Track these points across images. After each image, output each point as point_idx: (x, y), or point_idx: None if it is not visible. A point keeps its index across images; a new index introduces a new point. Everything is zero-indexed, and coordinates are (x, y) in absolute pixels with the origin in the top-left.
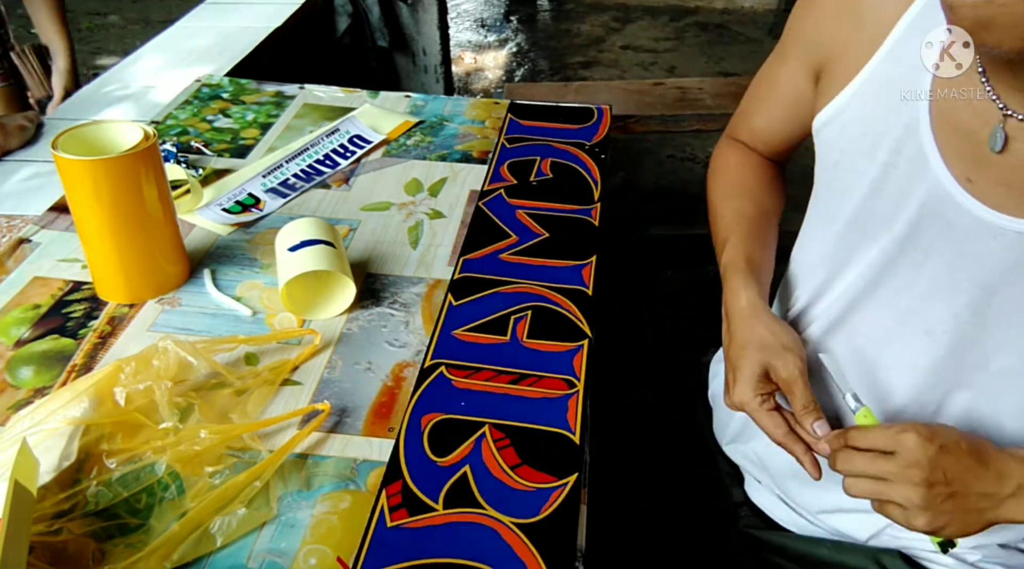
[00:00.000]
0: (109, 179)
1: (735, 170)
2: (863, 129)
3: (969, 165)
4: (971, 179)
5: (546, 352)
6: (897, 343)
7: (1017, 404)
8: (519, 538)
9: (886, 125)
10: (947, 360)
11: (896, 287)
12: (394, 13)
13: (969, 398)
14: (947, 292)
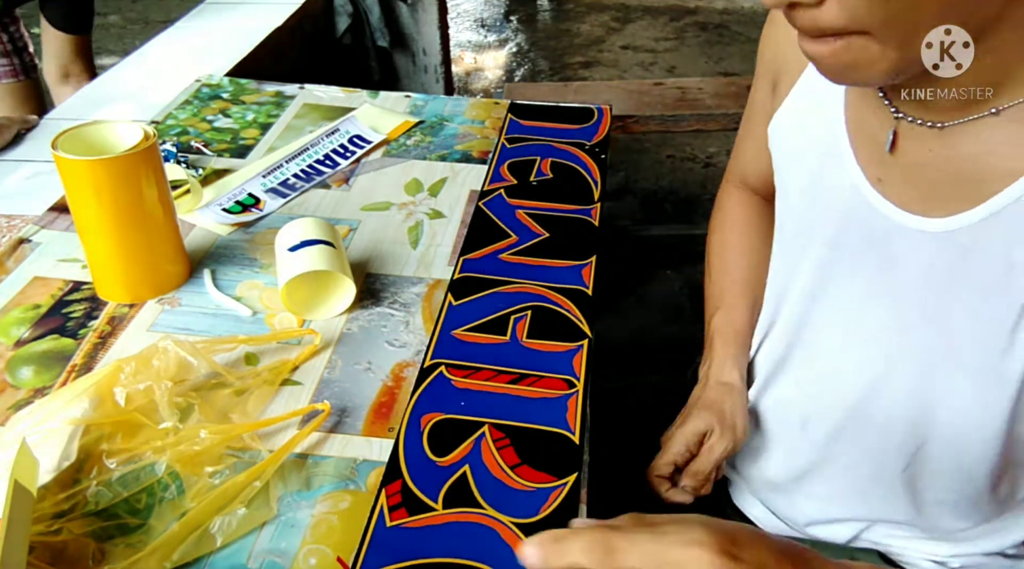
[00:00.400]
0: (109, 179)
1: (733, 223)
2: (798, 136)
3: (877, 166)
4: (881, 179)
5: (546, 352)
6: (851, 351)
7: (969, 406)
8: (519, 538)
9: (814, 130)
10: (899, 364)
11: (837, 295)
12: (394, 13)
13: (924, 401)
14: (884, 297)
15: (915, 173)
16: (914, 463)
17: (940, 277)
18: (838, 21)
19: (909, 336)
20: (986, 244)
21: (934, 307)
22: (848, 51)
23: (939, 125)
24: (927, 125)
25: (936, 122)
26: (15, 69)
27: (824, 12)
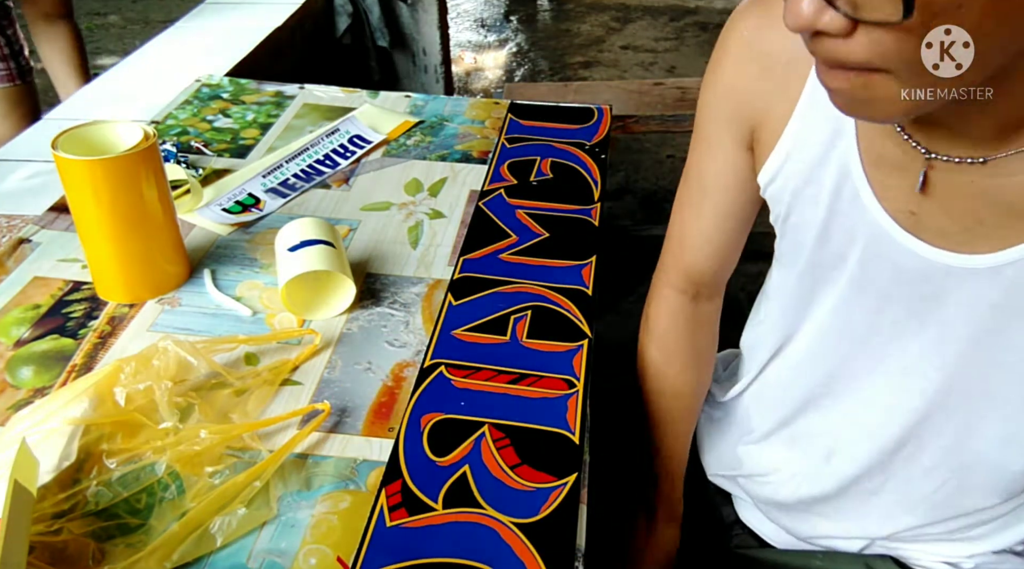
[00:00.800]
0: (109, 179)
1: (675, 340)
2: (804, 179)
3: (907, 200)
4: (914, 213)
5: (546, 352)
6: (887, 388)
7: (1012, 437)
8: (519, 538)
9: (823, 170)
10: (940, 400)
11: (868, 332)
12: (394, 13)
13: (964, 436)
14: (923, 334)
15: (955, 207)
16: (944, 488)
17: (985, 313)
18: (863, 56)
19: (951, 373)
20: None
21: (979, 343)
22: (867, 88)
23: (980, 160)
24: (966, 162)
25: (975, 158)
26: (11, 73)
27: (851, 45)
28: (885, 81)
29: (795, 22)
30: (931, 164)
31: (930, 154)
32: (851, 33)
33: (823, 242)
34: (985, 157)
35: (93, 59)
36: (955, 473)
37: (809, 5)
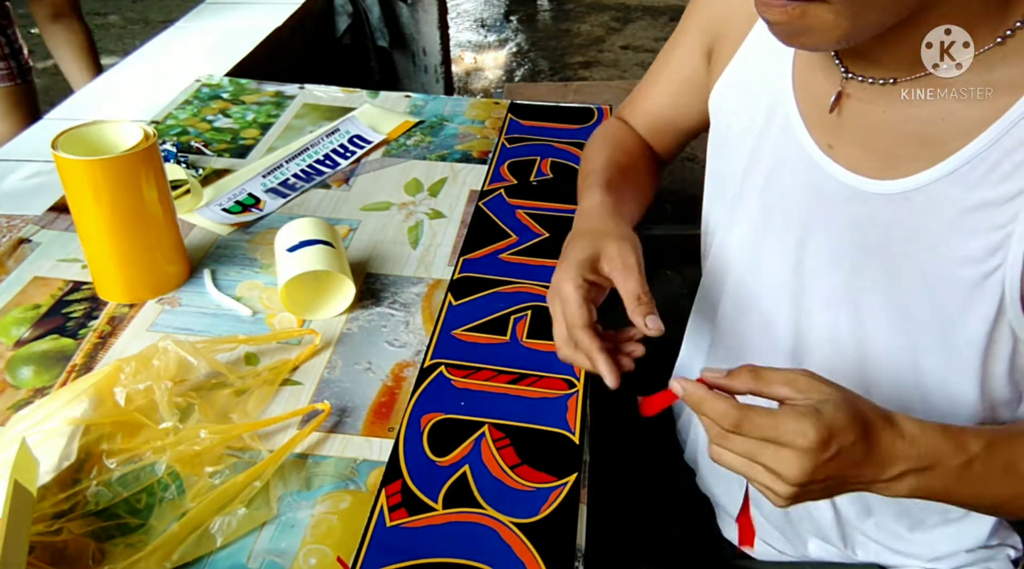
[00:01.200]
0: (109, 179)
1: (618, 136)
2: (743, 101)
3: (828, 131)
4: (831, 145)
5: (546, 352)
6: (813, 318)
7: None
8: (519, 538)
9: (760, 96)
10: (849, 332)
11: (784, 261)
12: (394, 13)
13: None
14: (843, 263)
15: (867, 136)
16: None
17: (896, 239)
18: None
19: (873, 300)
20: (942, 201)
21: (891, 270)
22: (804, 18)
23: (891, 80)
24: (878, 82)
25: (886, 78)
26: (12, 72)
27: None
28: (820, 10)
29: None
30: (847, 85)
31: (848, 74)
32: None
33: (753, 165)
34: (896, 78)
35: None
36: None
37: None
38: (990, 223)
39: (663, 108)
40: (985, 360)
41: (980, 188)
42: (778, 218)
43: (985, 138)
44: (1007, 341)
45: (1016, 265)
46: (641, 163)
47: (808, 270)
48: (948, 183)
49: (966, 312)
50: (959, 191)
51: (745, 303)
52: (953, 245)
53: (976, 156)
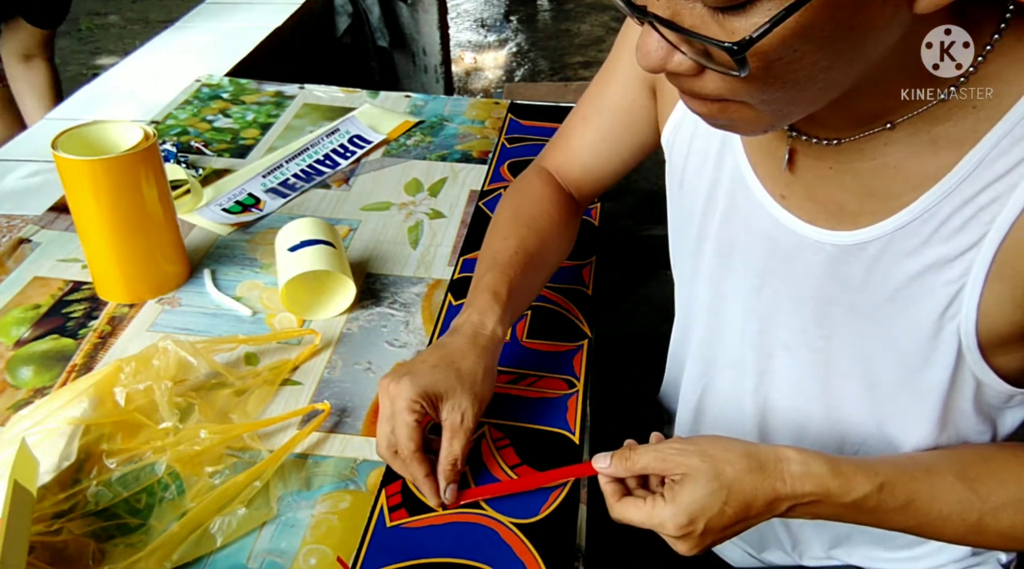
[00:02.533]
0: (109, 179)
1: (537, 199)
2: (694, 145)
3: (780, 183)
4: (784, 196)
5: (546, 352)
6: (777, 361)
7: (860, 408)
8: (518, 538)
9: (710, 140)
10: (812, 374)
11: (744, 306)
12: (394, 13)
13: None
14: (799, 313)
15: (818, 189)
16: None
17: (853, 289)
18: (715, 91)
19: (834, 348)
20: (896, 254)
21: (850, 319)
22: (726, 113)
23: (835, 142)
24: (823, 143)
25: (832, 139)
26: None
27: (704, 82)
28: (741, 107)
29: (646, 63)
30: (794, 142)
31: (795, 133)
32: (700, 73)
33: (709, 209)
34: (840, 138)
35: (93, 59)
36: (865, 443)
37: (658, 49)
38: (944, 277)
39: (601, 143)
40: (947, 403)
41: (932, 242)
42: (736, 261)
43: (935, 193)
44: (970, 384)
45: (970, 316)
46: (552, 240)
47: (767, 316)
48: (901, 236)
49: (926, 361)
50: (913, 244)
51: (715, 335)
52: (909, 297)
53: (927, 210)
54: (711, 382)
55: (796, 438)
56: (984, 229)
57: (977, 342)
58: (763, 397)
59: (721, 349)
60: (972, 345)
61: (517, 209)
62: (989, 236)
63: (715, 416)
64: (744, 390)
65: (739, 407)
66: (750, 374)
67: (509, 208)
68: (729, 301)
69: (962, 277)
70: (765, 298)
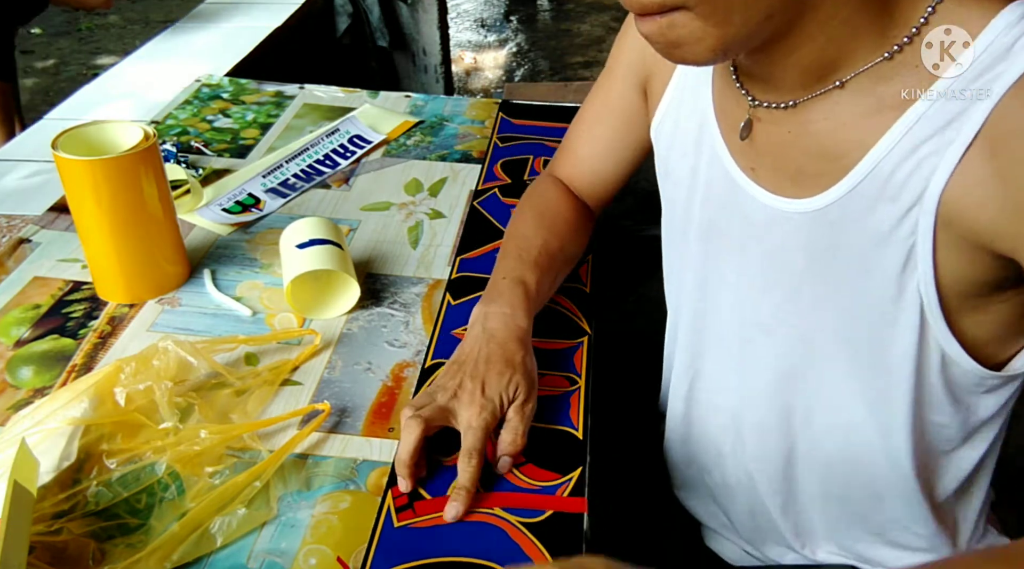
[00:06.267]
0: (109, 179)
1: (555, 203)
2: (678, 131)
3: (749, 156)
4: (754, 168)
5: (546, 350)
6: (755, 343)
7: (839, 391)
8: (526, 536)
9: (689, 124)
10: (790, 354)
11: (726, 288)
12: (394, 13)
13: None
14: (776, 287)
15: (780, 158)
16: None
17: (821, 257)
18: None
19: (805, 324)
20: (854, 217)
21: (822, 290)
22: (673, 28)
23: (791, 103)
24: (780, 107)
25: (786, 102)
26: None
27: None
28: (685, 19)
29: None
30: (755, 112)
31: (754, 101)
32: None
33: (692, 193)
34: (795, 100)
35: (93, 59)
36: (845, 433)
37: None
38: (898, 236)
39: (600, 150)
40: (918, 380)
41: (882, 201)
42: (719, 241)
43: (878, 150)
44: (936, 354)
45: (927, 272)
46: (569, 243)
47: (747, 296)
48: (854, 198)
49: (894, 325)
50: (866, 204)
51: (701, 321)
52: (871, 259)
53: (873, 168)
54: (700, 370)
55: (781, 424)
56: (924, 184)
57: (939, 300)
58: (747, 384)
59: (707, 335)
60: (933, 303)
61: (537, 211)
62: (929, 190)
63: (704, 405)
64: (729, 377)
65: (726, 395)
66: (734, 360)
67: (529, 210)
68: (712, 283)
69: (912, 234)
70: (745, 277)
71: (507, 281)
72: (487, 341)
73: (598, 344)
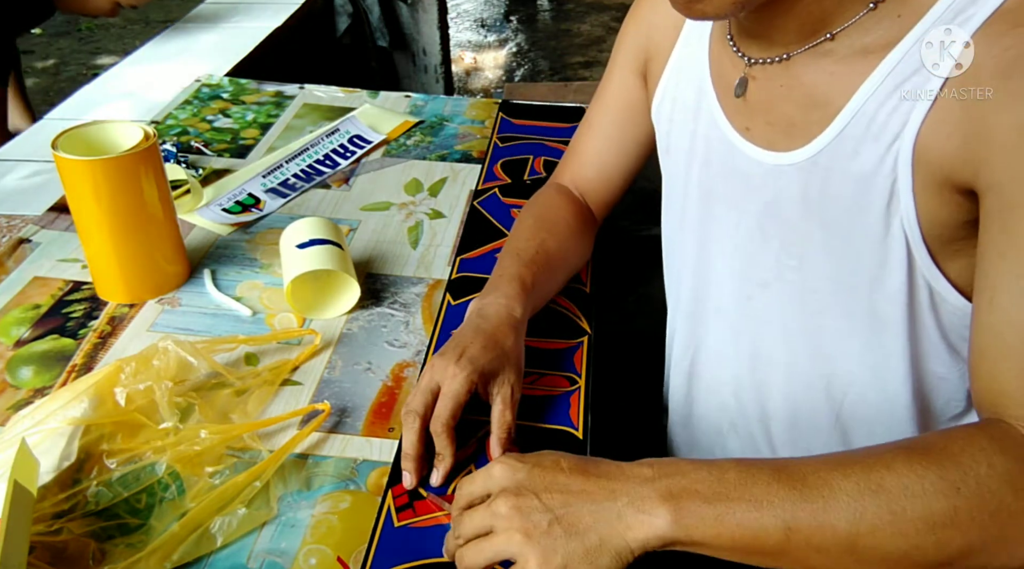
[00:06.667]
0: (109, 179)
1: (556, 208)
2: (677, 105)
3: (743, 115)
4: (748, 127)
5: (546, 350)
6: (755, 303)
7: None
8: None
9: (688, 94)
10: (788, 309)
11: (725, 248)
12: (394, 13)
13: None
14: (773, 240)
15: (772, 112)
16: (841, 418)
17: (814, 205)
18: None
19: (801, 276)
20: (842, 161)
21: (817, 237)
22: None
23: (784, 57)
24: (774, 61)
25: (780, 56)
26: None
27: None
28: None
29: None
30: (750, 71)
31: (750, 60)
32: None
33: (692, 160)
34: (788, 54)
35: (93, 59)
36: (846, 397)
37: None
38: (882, 174)
39: (608, 142)
40: (913, 325)
41: (866, 141)
42: (717, 205)
43: (862, 92)
44: (924, 291)
45: (909, 209)
46: (570, 246)
47: (746, 252)
48: (841, 142)
49: (884, 266)
50: (852, 146)
51: (703, 287)
52: (860, 200)
53: (858, 110)
54: (700, 342)
55: (785, 385)
56: (904, 119)
57: (922, 239)
58: (750, 345)
59: (707, 303)
60: (917, 240)
61: (537, 216)
62: (907, 126)
63: (706, 381)
64: (731, 341)
65: (729, 361)
66: (734, 325)
67: (530, 216)
68: (711, 246)
69: (893, 171)
70: (742, 235)
71: (503, 277)
72: (478, 324)
73: (598, 344)
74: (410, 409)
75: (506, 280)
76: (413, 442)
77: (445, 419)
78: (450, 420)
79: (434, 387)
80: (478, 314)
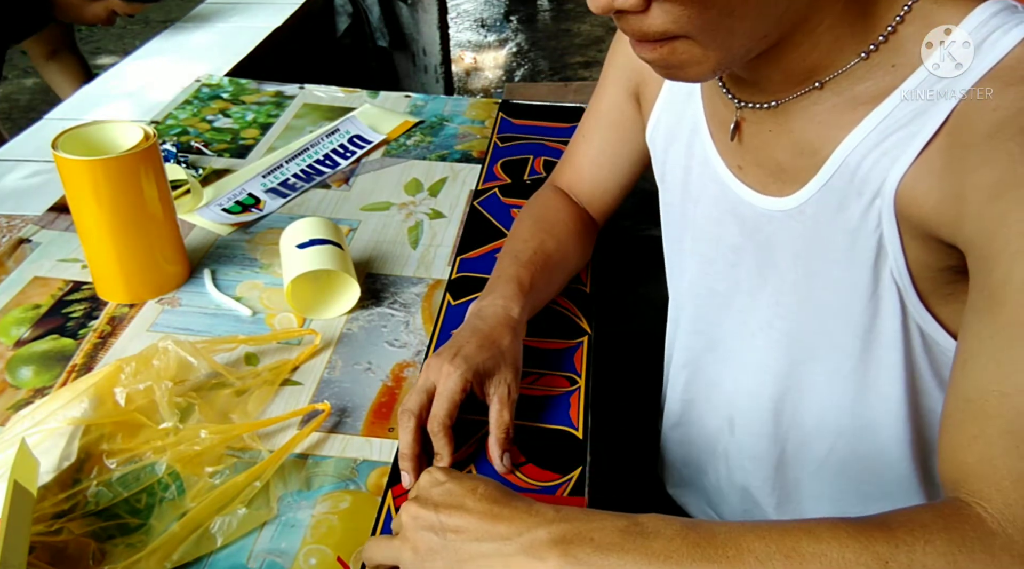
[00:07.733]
0: (109, 179)
1: (554, 210)
2: (671, 136)
3: (736, 154)
4: (740, 166)
5: (546, 350)
6: (749, 344)
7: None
8: None
9: (683, 128)
10: (782, 354)
11: (723, 289)
12: (394, 13)
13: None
14: (766, 286)
15: (763, 155)
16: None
17: (803, 255)
18: (662, 27)
19: (793, 324)
20: (828, 213)
21: (806, 287)
22: (675, 54)
23: (773, 104)
24: (764, 107)
25: (769, 102)
26: None
27: (649, 18)
28: (686, 46)
29: (596, 4)
30: (741, 114)
31: (740, 103)
32: (647, 9)
33: (686, 196)
34: (777, 101)
35: (93, 59)
36: (838, 441)
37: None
38: (868, 227)
39: (598, 159)
40: (908, 369)
41: (850, 195)
42: (714, 244)
43: (846, 145)
44: (918, 337)
45: (898, 259)
46: (569, 247)
47: (741, 294)
48: (827, 193)
49: (875, 316)
50: (837, 199)
51: (702, 323)
52: (848, 253)
53: (842, 162)
54: (697, 370)
55: (774, 425)
56: (884, 175)
57: (913, 286)
58: (741, 385)
59: (705, 336)
60: (908, 288)
61: (535, 216)
62: (887, 182)
63: (701, 405)
64: (725, 378)
65: (721, 396)
66: (730, 361)
67: (528, 217)
68: (710, 284)
69: (878, 225)
70: (740, 277)
71: (501, 278)
72: (476, 325)
73: (598, 344)
74: (405, 409)
75: (504, 281)
76: (409, 442)
77: (441, 418)
78: (446, 419)
79: (429, 387)
80: (476, 315)
